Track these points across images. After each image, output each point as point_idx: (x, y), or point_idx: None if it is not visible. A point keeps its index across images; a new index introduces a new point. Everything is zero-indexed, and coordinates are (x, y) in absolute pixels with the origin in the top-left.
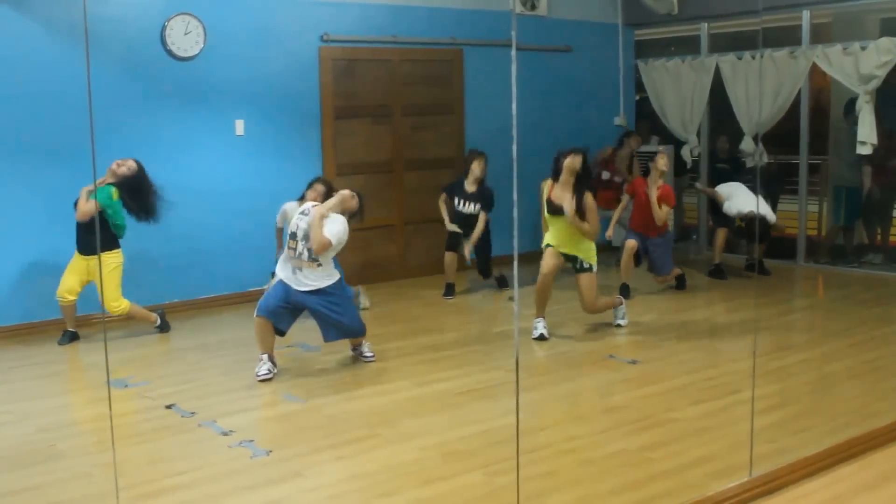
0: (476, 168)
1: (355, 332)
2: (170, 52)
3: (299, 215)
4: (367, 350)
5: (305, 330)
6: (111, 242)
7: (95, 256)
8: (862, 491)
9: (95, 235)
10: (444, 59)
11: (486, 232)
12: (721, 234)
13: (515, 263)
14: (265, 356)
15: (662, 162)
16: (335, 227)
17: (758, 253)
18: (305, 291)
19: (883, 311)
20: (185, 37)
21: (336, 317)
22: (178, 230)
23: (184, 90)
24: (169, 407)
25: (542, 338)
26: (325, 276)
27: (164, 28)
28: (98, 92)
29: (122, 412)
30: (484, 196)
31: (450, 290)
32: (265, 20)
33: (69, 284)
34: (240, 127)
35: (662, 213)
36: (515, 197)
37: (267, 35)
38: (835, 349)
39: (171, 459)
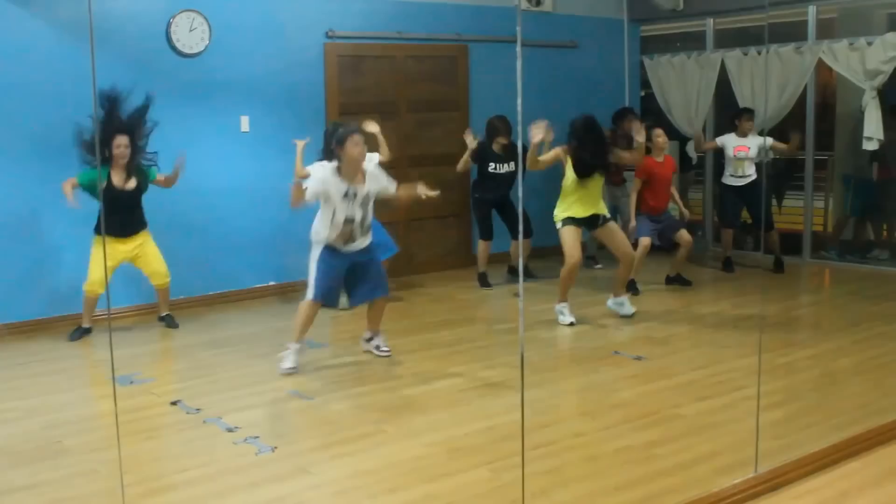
0: (503, 139)
1: (383, 289)
2: (175, 49)
3: (349, 200)
4: (383, 344)
5: (312, 326)
6: (144, 217)
7: (135, 236)
8: (868, 487)
9: (134, 214)
10: (450, 55)
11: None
12: (727, 234)
13: (521, 260)
14: (297, 346)
15: (662, 140)
16: (383, 176)
17: (773, 246)
18: (354, 252)
19: (889, 306)
20: (191, 33)
21: (374, 272)
22: (184, 227)
23: (189, 87)
24: (174, 403)
25: (571, 324)
26: (370, 235)
27: (169, 24)
28: (103, 88)
29: (128, 409)
30: (516, 150)
31: (485, 280)
32: (270, 17)
33: (100, 276)
34: (245, 123)
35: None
36: (521, 193)
37: (272, 31)
38: (841, 345)
39: (177, 456)
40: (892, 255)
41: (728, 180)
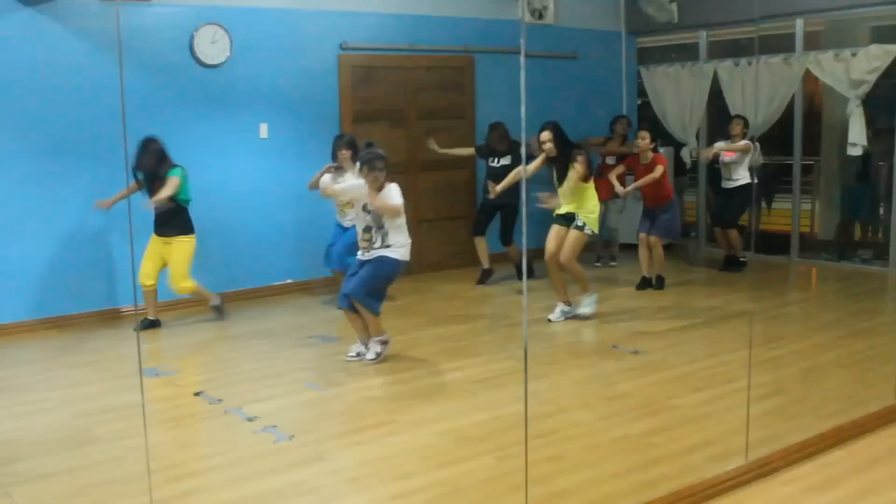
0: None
1: (354, 295)
2: (198, 60)
3: (362, 213)
4: (370, 352)
5: (325, 321)
6: (188, 227)
7: (170, 238)
8: (852, 474)
9: (171, 220)
10: (457, 65)
11: (515, 197)
12: (721, 235)
13: (525, 258)
14: (360, 340)
15: (643, 143)
16: (396, 194)
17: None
18: (366, 260)
19: (872, 304)
20: (213, 45)
21: (358, 277)
22: (205, 228)
23: (211, 96)
24: (197, 394)
25: (549, 321)
26: (386, 248)
27: (192, 37)
28: (131, 97)
29: (154, 399)
30: (515, 149)
31: (485, 277)
32: (287, 30)
33: (146, 270)
34: (264, 130)
35: (658, 175)
36: (524, 196)
37: (289, 44)
38: (826, 340)
39: (200, 444)
40: (875, 255)
41: (721, 183)
